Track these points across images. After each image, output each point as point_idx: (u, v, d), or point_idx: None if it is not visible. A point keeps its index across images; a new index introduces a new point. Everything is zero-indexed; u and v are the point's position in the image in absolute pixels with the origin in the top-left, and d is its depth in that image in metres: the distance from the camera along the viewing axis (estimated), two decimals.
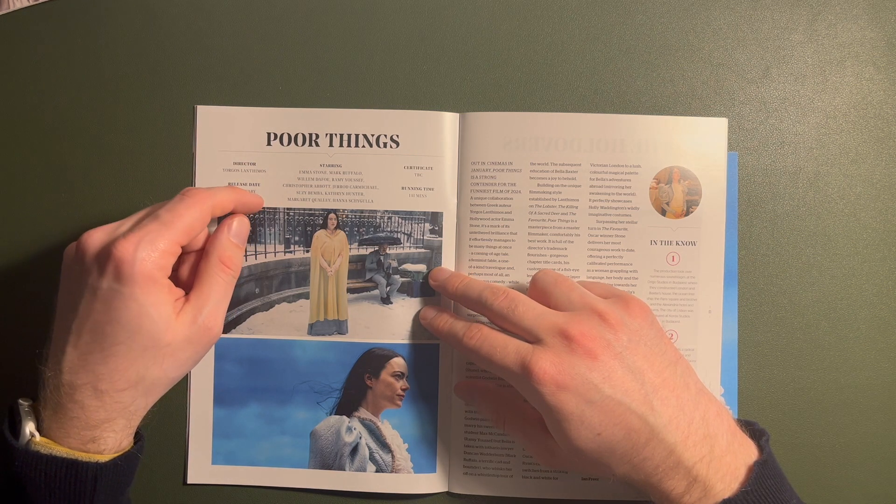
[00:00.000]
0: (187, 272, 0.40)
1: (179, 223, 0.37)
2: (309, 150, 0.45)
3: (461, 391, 0.44)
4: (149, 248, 0.35)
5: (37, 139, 0.46)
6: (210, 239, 0.40)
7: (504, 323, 0.40)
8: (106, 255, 0.35)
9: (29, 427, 0.35)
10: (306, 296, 0.45)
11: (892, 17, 0.46)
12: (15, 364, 0.46)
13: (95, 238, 0.36)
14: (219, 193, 0.39)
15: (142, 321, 0.35)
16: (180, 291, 0.38)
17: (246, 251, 0.45)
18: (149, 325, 0.35)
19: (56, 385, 0.35)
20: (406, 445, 0.45)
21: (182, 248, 0.38)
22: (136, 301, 0.35)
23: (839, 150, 0.46)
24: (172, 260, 0.37)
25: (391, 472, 0.45)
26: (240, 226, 0.41)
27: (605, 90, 0.46)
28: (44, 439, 0.35)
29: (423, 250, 0.45)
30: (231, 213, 0.41)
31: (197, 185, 0.45)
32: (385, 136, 0.45)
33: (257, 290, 0.46)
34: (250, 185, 0.45)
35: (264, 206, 0.45)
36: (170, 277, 0.38)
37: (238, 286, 0.45)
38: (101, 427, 0.36)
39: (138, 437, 0.39)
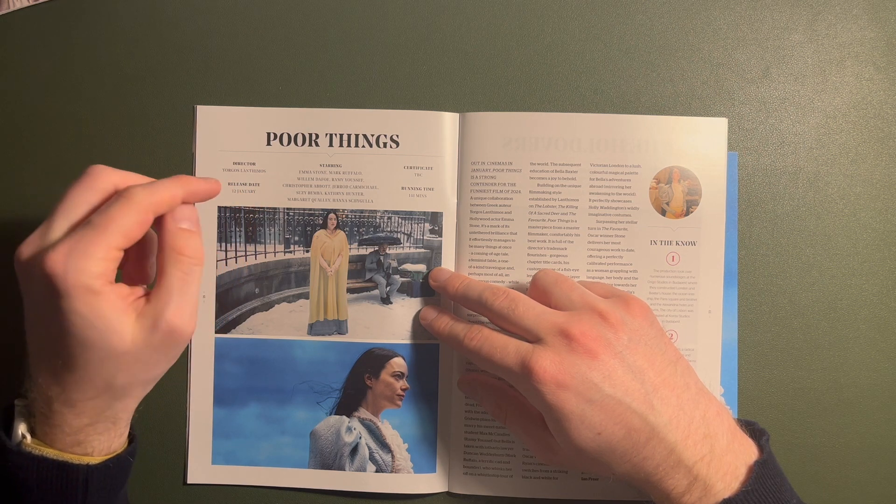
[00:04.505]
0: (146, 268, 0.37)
1: (114, 227, 0.32)
2: (309, 150, 0.45)
3: (464, 385, 0.44)
4: (80, 258, 0.32)
5: (36, 139, 0.46)
6: (160, 232, 0.35)
7: (504, 323, 0.40)
8: (37, 270, 0.32)
9: (21, 428, 0.35)
10: (306, 296, 0.45)
11: (892, 17, 0.46)
12: (14, 364, 0.46)
13: (25, 252, 0.33)
14: (159, 191, 0.34)
15: (89, 333, 0.32)
16: (138, 291, 0.35)
17: (246, 251, 0.45)
18: (97, 337, 0.32)
19: (35, 393, 0.35)
20: (406, 445, 0.45)
21: (126, 250, 0.34)
22: (78, 314, 0.32)
23: (839, 150, 0.46)
24: (112, 266, 0.33)
25: (391, 472, 0.45)
26: (183, 210, 0.36)
27: (605, 90, 0.46)
28: (35, 440, 0.35)
29: (423, 250, 0.45)
30: None
31: None
32: (385, 136, 0.45)
33: (257, 290, 0.45)
34: (250, 185, 0.45)
35: (262, 205, 0.45)
36: (135, 275, 0.36)
37: (238, 286, 0.45)
38: (84, 431, 0.35)
39: (133, 438, 0.38)
